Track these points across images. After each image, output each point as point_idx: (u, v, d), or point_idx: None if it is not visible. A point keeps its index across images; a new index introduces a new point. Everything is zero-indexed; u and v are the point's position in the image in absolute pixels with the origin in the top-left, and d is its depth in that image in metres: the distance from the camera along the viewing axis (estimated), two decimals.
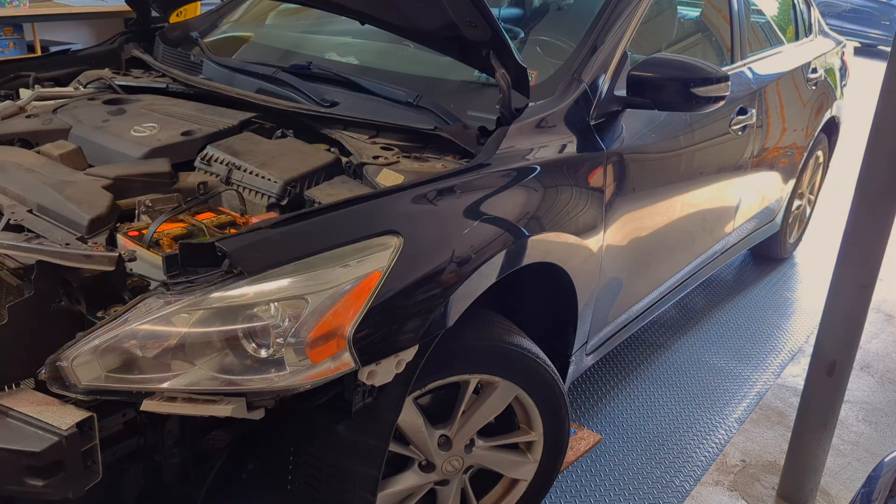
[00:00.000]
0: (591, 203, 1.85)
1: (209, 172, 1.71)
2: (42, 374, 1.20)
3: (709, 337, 3.21)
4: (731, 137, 2.61)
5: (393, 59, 2.29)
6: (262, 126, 1.94)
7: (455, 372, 1.62)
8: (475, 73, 1.96)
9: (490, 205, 1.55)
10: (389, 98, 1.90)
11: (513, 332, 1.70)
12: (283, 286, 1.23)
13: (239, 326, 1.22)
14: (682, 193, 2.35)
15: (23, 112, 2.01)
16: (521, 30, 2.38)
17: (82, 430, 1.15)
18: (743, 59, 2.84)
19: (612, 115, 2.00)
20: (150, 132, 1.82)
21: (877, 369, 3.10)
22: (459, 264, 1.42)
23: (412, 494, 1.73)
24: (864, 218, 1.90)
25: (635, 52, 2.15)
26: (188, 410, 1.22)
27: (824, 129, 3.73)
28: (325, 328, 1.23)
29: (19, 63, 2.33)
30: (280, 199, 1.60)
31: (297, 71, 2.08)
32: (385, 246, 1.33)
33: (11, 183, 1.58)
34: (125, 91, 2.19)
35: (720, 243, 2.92)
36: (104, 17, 4.50)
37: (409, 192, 1.46)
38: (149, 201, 1.54)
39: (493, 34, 1.63)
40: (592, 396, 2.69)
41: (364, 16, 1.92)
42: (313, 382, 1.24)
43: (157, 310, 1.20)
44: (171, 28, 2.60)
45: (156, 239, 1.40)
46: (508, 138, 1.69)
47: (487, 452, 1.79)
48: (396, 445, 1.64)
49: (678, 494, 2.24)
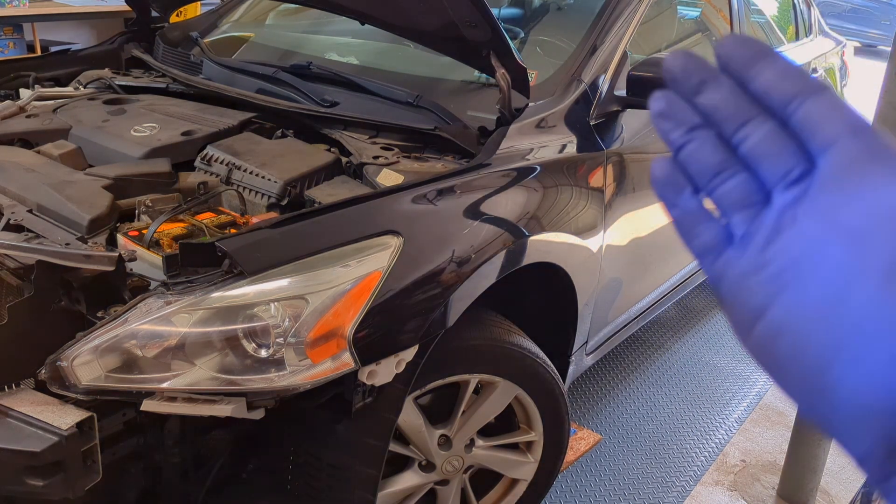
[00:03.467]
0: (591, 203, 1.85)
1: (209, 172, 1.71)
2: (42, 374, 1.20)
3: (709, 337, 3.21)
4: None
5: (393, 59, 2.29)
6: (262, 126, 1.94)
7: (455, 372, 1.62)
8: (475, 73, 1.96)
9: (490, 205, 1.55)
10: (389, 98, 1.90)
11: (513, 332, 1.70)
12: (284, 286, 1.23)
13: (239, 326, 1.22)
14: None
15: (23, 112, 2.01)
16: (521, 30, 2.38)
17: (82, 430, 1.15)
18: None
19: (612, 115, 2.00)
20: (150, 132, 1.82)
21: None
22: (459, 264, 1.42)
23: (412, 494, 1.73)
24: None
25: (635, 52, 2.15)
26: (188, 410, 1.22)
27: None
28: (326, 328, 1.23)
29: (19, 63, 2.33)
30: (280, 199, 1.60)
31: (297, 71, 2.08)
32: (385, 246, 1.33)
33: (11, 183, 1.58)
34: (125, 91, 2.19)
35: None
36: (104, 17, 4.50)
37: (409, 192, 1.46)
38: (149, 201, 1.54)
39: (493, 34, 1.63)
40: (592, 396, 2.69)
41: (364, 16, 1.93)
42: (313, 382, 1.24)
43: (157, 310, 1.20)
44: (171, 28, 2.60)
45: (156, 239, 1.40)
46: (508, 138, 1.69)
47: (487, 452, 1.79)
48: (396, 445, 1.64)
49: (678, 494, 2.24)
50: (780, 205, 0.34)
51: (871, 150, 0.32)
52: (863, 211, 0.31)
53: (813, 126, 0.33)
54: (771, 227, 0.33)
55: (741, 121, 0.34)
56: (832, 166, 0.32)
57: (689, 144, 0.36)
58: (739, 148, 0.35)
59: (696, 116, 0.36)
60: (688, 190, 0.37)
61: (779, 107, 0.34)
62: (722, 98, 0.35)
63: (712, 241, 0.36)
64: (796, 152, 0.33)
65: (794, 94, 0.33)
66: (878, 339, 0.30)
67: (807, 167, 0.33)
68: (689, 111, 0.36)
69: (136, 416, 1.28)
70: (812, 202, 0.32)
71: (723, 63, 0.35)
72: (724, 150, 0.35)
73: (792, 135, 0.34)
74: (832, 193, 0.32)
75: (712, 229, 0.36)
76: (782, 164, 0.34)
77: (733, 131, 0.35)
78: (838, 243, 0.31)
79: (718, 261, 0.36)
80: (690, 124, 0.36)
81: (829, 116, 0.32)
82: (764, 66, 0.34)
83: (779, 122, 0.34)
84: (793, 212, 0.33)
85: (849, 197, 0.31)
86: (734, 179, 0.35)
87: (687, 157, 0.36)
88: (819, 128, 0.32)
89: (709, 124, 0.36)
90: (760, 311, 0.33)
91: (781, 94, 0.33)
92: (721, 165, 0.35)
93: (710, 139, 0.35)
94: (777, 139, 0.34)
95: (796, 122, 0.33)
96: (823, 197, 0.32)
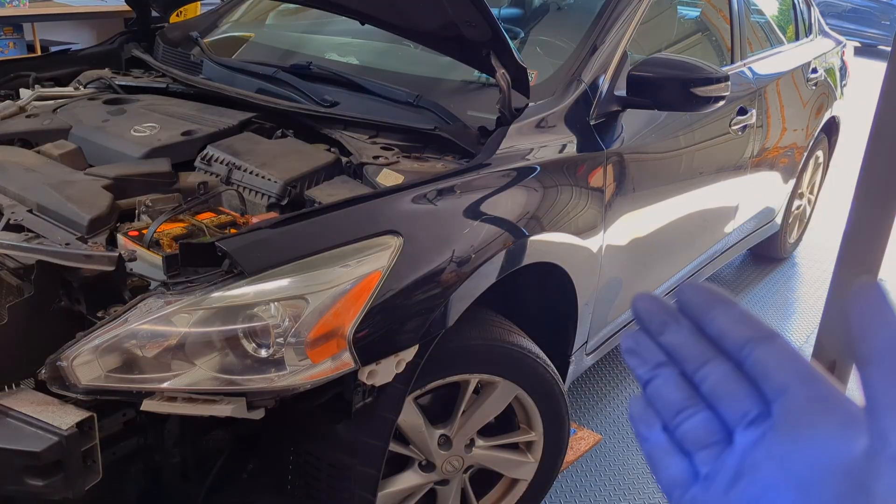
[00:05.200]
0: (591, 203, 1.85)
1: (209, 172, 1.71)
2: (42, 374, 1.20)
3: None
4: (730, 137, 2.61)
5: (393, 59, 2.29)
6: (262, 126, 1.94)
7: (455, 372, 1.62)
8: (475, 73, 1.96)
9: (490, 205, 1.55)
10: (389, 98, 1.90)
11: (513, 332, 1.70)
12: (284, 286, 1.23)
13: (239, 326, 1.22)
14: (682, 193, 2.35)
15: (23, 112, 2.01)
16: (521, 30, 2.38)
17: (82, 430, 1.15)
18: (743, 59, 2.84)
19: (612, 115, 2.00)
20: (151, 132, 1.82)
21: None
22: (459, 264, 1.42)
23: (412, 494, 1.73)
24: (864, 218, 1.90)
25: (635, 52, 2.15)
26: (188, 410, 1.22)
27: (824, 129, 3.73)
28: (326, 328, 1.23)
29: (19, 63, 2.33)
30: (280, 199, 1.60)
31: (297, 71, 2.08)
32: (385, 246, 1.33)
33: (11, 183, 1.58)
34: (125, 91, 2.19)
35: (720, 243, 2.92)
36: (104, 17, 4.50)
37: (409, 192, 1.46)
38: (149, 201, 1.54)
39: (492, 34, 1.63)
40: (592, 396, 2.68)
41: (364, 16, 1.93)
42: (313, 382, 1.24)
43: (157, 310, 1.20)
44: (171, 28, 2.60)
45: (156, 239, 1.40)
46: (508, 138, 1.69)
47: (487, 452, 1.79)
48: (396, 445, 1.64)
49: None
50: (741, 446, 0.35)
51: (819, 400, 0.34)
52: (810, 461, 0.33)
53: (765, 372, 0.35)
54: (733, 470, 0.35)
55: (701, 361, 0.37)
56: (784, 414, 0.34)
57: (654, 381, 0.38)
58: (701, 387, 0.37)
59: (661, 355, 0.38)
60: (658, 425, 0.38)
61: (733, 350, 0.36)
62: (682, 339, 0.38)
63: (680, 476, 0.37)
64: (753, 394, 0.35)
65: (747, 339, 0.35)
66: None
67: (763, 408, 0.35)
68: (654, 349, 0.39)
69: (136, 416, 1.28)
70: (768, 448, 0.34)
71: (682, 307, 0.38)
72: (686, 388, 0.37)
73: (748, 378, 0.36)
74: (785, 442, 0.34)
75: (679, 464, 0.37)
76: (740, 405, 0.35)
77: (693, 371, 0.37)
78: (790, 491, 0.33)
79: (685, 496, 0.37)
80: (655, 362, 0.38)
81: (779, 364, 0.35)
82: (719, 312, 0.37)
83: (735, 363, 0.36)
84: (752, 456, 0.34)
85: (799, 446, 0.33)
86: (697, 417, 0.37)
87: (653, 393, 0.38)
88: (770, 375, 0.35)
89: (673, 362, 0.38)
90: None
91: (735, 338, 0.36)
92: (683, 403, 0.37)
93: (672, 377, 0.38)
94: (734, 380, 0.36)
95: (750, 366, 0.35)
96: (777, 445, 0.34)
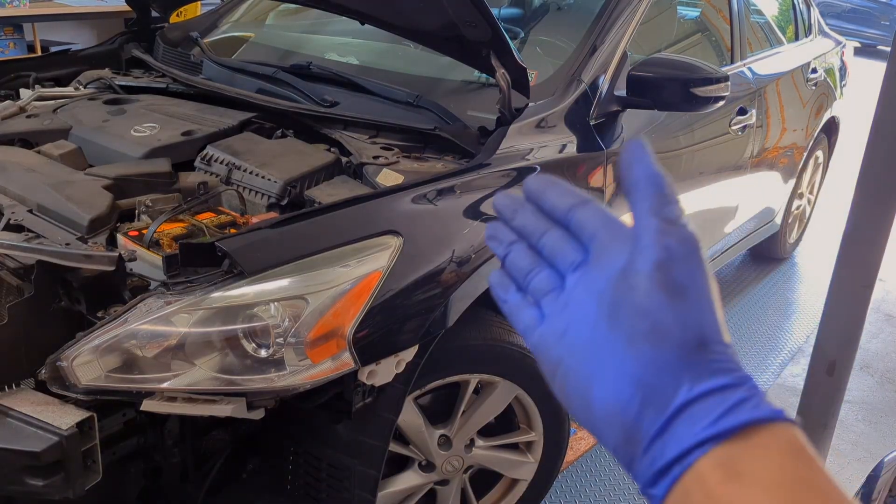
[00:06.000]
0: None
1: (209, 172, 1.71)
2: (42, 374, 1.20)
3: None
4: (730, 137, 2.61)
5: (393, 59, 2.29)
6: (262, 126, 1.94)
7: (455, 372, 1.62)
8: (475, 73, 1.96)
9: (490, 205, 1.55)
10: (389, 98, 1.90)
11: (513, 332, 1.70)
12: (284, 286, 1.23)
13: (239, 326, 1.22)
14: (682, 193, 2.35)
15: (23, 112, 2.01)
16: (521, 30, 2.38)
17: (82, 430, 1.15)
18: (743, 59, 2.84)
19: (612, 115, 2.00)
20: (151, 132, 1.82)
21: (877, 369, 3.10)
22: (459, 264, 1.42)
23: (412, 494, 1.73)
24: (864, 218, 1.90)
25: (635, 52, 2.15)
26: (188, 410, 1.22)
27: (824, 129, 3.73)
28: (325, 328, 1.23)
29: (19, 63, 2.33)
30: (280, 199, 1.60)
31: (297, 71, 2.07)
32: (385, 246, 1.33)
33: (11, 183, 1.58)
34: (125, 91, 2.19)
35: (720, 243, 2.92)
36: (104, 17, 4.50)
37: (409, 192, 1.46)
38: (149, 201, 1.54)
39: (492, 34, 1.63)
40: None
41: (364, 16, 1.92)
42: (313, 382, 1.24)
43: (157, 310, 1.20)
44: (171, 28, 2.60)
45: (156, 239, 1.40)
46: (508, 138, 1.69)
47: (487, 452, 1.79)
48: (396, 445, 1.64)
49: None
50: (570, 285, 0.46)
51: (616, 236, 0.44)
52: (604, 276, 0.43)
53: (582, 227, 0.46)
54: (563, 303, 0.45)
55: (541, 233, 0.48)
56: (595, 251, 0.45)
57: (509, 255, 0.49)
58: (542, 252, 0.48)
59: (513, 235, 0.49)
60: (513, 288, 0.49)
61: (562, 218, 0.47)
62: (526, 220, 0.49)
63: (531, 321, 0.47)
64: (578, 247, 0.46)
65: (570, 206, 0.46)
66: (607, 365, 0.41)
67: (585, 256, 0.46)
68: (508, 232, 0.50)
69: (136, 416, 1.28)
70: (584, 279, 0.45)
71: (526, 194, 0.49)
72: (532, 256, 0.48)
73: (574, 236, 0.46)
74: (594, 270, 0.45)
75: (530, 312, 0.47)
76: (569, 256, 0.46)
77: (536, 241, 0.48)
78: (592, 303, 0.43)
79: (535, 335, 0.47)
80: (509, 241, 0.49)
81: (591, 218, 0.46)
82: (549, 192, 0.48)
83: (564, 228, 0.47)
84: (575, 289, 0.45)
85: (601, 269, 0.44)
86: (541, 275, 0.47)
87: (509, 265, 0.49)
88: (585, 227, 0.46)
89: (522, 239, 0.49)
90: (557, 362, 0.45)
91: (562, 208, 0.47)
92: (530, 266, 0.48)
93: (522, 249, 0.49)
94: (564, 240, 0.47)
95: (573, 226, 0.46)
96: (589, 274, 0.45)
